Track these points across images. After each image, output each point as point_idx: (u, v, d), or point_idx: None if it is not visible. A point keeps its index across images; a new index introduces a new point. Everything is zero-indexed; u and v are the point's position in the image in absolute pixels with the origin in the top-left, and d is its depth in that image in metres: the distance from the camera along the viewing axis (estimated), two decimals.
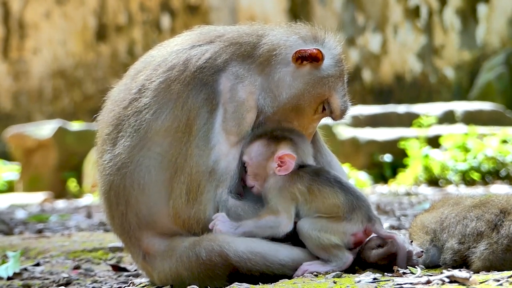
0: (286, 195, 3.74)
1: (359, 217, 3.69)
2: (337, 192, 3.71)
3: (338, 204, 3.69)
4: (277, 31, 3.99)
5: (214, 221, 3.77)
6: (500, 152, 12.14)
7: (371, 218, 3.71)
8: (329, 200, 3.70)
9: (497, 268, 3.65)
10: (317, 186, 3.73)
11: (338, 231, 3.68)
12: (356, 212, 3.69)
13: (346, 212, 3.68)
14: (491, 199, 3.87)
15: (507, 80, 15.53)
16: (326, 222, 3.68)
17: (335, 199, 3.70)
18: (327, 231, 3.68)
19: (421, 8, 17.09)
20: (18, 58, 21.24)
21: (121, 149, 3.89)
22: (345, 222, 3.69)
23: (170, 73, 3.89)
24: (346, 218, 3.68)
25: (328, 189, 3.72)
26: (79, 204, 12.34)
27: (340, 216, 3.69)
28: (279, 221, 3.73)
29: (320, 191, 3.72)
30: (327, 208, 3.70)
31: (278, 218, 3.73)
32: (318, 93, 3.93)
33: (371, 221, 3.70)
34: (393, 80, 17.35)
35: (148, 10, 20.20)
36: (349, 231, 3.69)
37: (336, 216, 3.69)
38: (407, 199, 9.72)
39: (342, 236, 3.69)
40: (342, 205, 3.69)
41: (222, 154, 3.82)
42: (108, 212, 3.99)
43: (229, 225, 3.75)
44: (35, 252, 5.50)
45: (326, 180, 3.74)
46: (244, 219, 3.78)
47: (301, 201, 3.73)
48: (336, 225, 3.68)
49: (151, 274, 3.97)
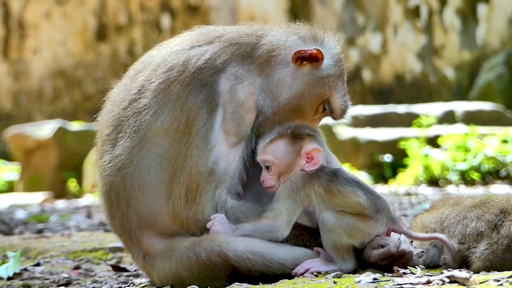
0: (298, 198, 3.72)
1: (384, 218, 3.68)
2: (357, 191, 3.69)
3: (361, 203, 3.67)
4: (277, 32, 3.98)
5: (213, 222, 3.77)
6: (500, 152, 12.14)
7: (394, 219, 3.70)
8: (351, 198, 3.68)
9: (497, 268, 3.65)
10: (336, 186, 3.70)
11: (364, 231, 3.67)
12: (381, 212, 3.68)
13: (372, 212, 3.66)
14: (491, 199, 3.87)
15: (507, 80, 15.53)
16: (353, 220, 3.67)
17: (358, 198, 3.67)
18: (351, 230, 3.66)
19: (421, 8, 17.09)
20: (18, 58, 21.24)
21: (120, 150, 3.89)
22: (372, 222, 3.67)
23: (169, 74, 3.89)
24: (372, 218, 3.67)
25: (348, 188, 3.69)
26: (79, 204, 12.34)
27: (366, 215, 3.67)
28: (278, 226, 3.72)
29: (340, 191, 3.69)
30: (349, 206, 3.68)
31: (277, 222, 3.72)
32: (318, 93, 3.93)
33: (394, 222, 3.69)
34: (393, 80, 17.35)
35: (148, 10, 20.20)
36: (374, 231, 3.68)
37: (362, 214, 3.67)
38: (407, 199, 9.72)
39: (365, 236, 3.67)
40: (366, 204, 3.67)
41: (222, 154, 3.82)
42: (108, 212, 3.99)
43: (228, 227, 3.75)
44: (35, 252, 5.50)
45: (345, 180, 3.72)
46: (242, 221, 3.78)
47: (316, 201, 3.71)
48: (363, 224, 3.67)
49: (151, 274, 3.97)
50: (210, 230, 3.77)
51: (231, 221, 3.78)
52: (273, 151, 3.81)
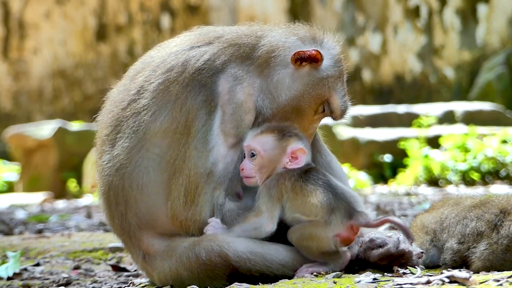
0: (274, 194, 3.73)
1: (338, 217, 3.64)
2: (317, 190, 3.67)
3: (316, 204, 3.65)
4: (276, 32, 3.98)
5: (207, 227, 3.78)
6: (500, 152, 12.14)
7: (351, 214, 3.64)
8: (307, 198, 3.67)
9: (497, 268, 3.65)
10: (300, 184, 3.71)
11: (322, 237, 3.65)
12: (335, 212, 3.64)
13: (325, 214, 3.64)
14: (491, 199, 3.87)
15: (507, 80, 15.53)
16: (310, 228, 3.66)
17: (314, 198, 3.66)
18: (313, 239, 3.65)
19: (421, 8, 17.09)
20: (18, 58, 21.24)
21: (119, 150, 3.89)
22: (325, 226, 3.64)
23: (168, 75, 3.89)
24: (325, 221, 3.64)
25: (309, 187, 3.69)
26: (79, 204, 12.33)
27: (319, 220, 3.65)
28: (261, 222, 3.72)
29: (302, 189, 3.70)
30: (306, 208, 3.67)
31: (260, 219, 3.72)
32: (318, 93, 3.93)
33: (352, 217, 3.64)
34: (393, 80, 17.35)
35: (148, 10, 20.20)
36: (330, 234, 3.65)
37: (315, 219, 3.66)
38: (407, 199, 9.72)
39: (326, 241, 3.66)
40: (321, 205, 3.64)
41: (220, 156, 3.82)
42: (108, 212, 3.99)
43: (220, 231, 3.77)
44: (35, 252, 5.50)
45: (311, 179, 3.71)
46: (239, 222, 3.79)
47: (285, 198, 3.72)
48: (319, 230, 3.65)
49: (151, 274, 3.97)
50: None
51: (230, 222, 3.78)
52: (262, 142, 3.81)
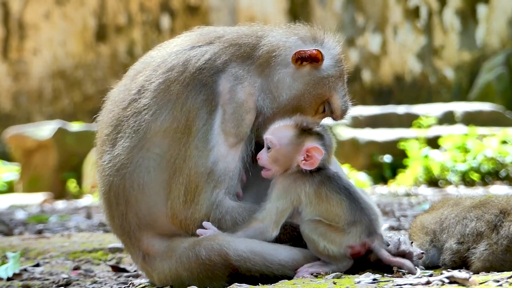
0: (288, 198, 3.71)
1: (358, 231, 3.64)
2: (343, 200, 3.66)
3: (340, 214, 3.65)
4: (277, 32, 3.99)
5: (199, 230, 3.77)
6: (499, 152, 12.14)
7: (371, 233, 3.65)
8: (333, 207, 3.66)
9: (496, 269, 3.65)
10: (325, 191, 3.68)
11: (335, 241, 3.65)
12: (356, 225, 3.64)
13: (346, 224, 3.64)
14: (490, 200, 3.87)
15: (507, 80, 15.53)
16: (326, 229, 3.66)
17: (339, 208, 3.65)
18: (325, 238, 3.66)
19: (421, 8, 17.09)
20: (18, 59, 21.24)
21: (120, 150, 3.89)
22: (343, 234, 3.64)
23: (169, 74, 3.89)
24: (344, 230, 3.64)
25: (335, 196, 3.67)
26: (79, 204, 12.33)
27: (339, 227, 3.65)
28: (266, 227, 3.71)
29: (327, 197, 3.67)
30: (329, 215, 3.67)
31: (265, 224, 3.71)
32: (319, 93, 3.93)
33: (370, 236, 3.65)
34: (393, 80, 17.35)
35: (148, 11, 20.20)
36: (345, 243, 3.65)
37: (335, 225, 3.66)
38: (407, 199, 9.72)
39: (338, 246, 3.66)
40: (344, 215, 3.64)
41: (221, 155, 3.81)
42: (108, 212, 3.99)
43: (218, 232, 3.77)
44: (35, 253, 5.50)
45: (336, 187, 3.69)
46: (240, 222, 3.78)
47: (305, 203, 3.70)
48: (334, 234, 3.65)
49: (151, 274, 3.97)
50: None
51: (230, 221, 3.78)
52: (280, 136, 3.76)
